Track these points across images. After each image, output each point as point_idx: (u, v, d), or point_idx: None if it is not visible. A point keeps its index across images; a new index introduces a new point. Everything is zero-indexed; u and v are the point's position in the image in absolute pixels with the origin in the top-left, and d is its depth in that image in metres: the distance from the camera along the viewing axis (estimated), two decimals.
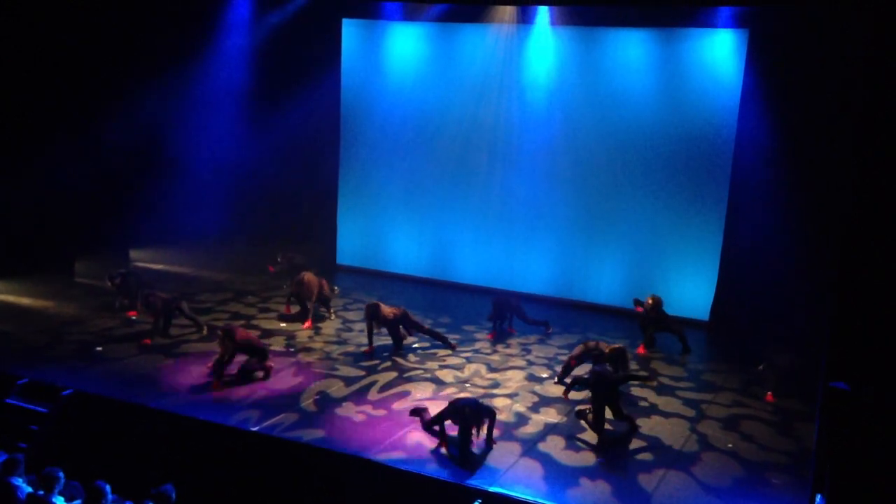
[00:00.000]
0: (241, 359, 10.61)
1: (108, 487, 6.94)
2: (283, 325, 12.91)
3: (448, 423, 9.07)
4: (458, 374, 11.25)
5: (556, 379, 11.07)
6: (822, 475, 7.89)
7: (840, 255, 8.49)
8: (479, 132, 15.14)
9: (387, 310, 11.83)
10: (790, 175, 13.03)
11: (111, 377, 10.43)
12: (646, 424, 9.90)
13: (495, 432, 9.31)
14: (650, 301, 12.47)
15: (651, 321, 12.56)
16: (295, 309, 13.25)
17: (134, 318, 12.61)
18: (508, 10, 14.51)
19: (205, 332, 12.11)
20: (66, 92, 14.12)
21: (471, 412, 8.88)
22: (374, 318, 11.75)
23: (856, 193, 8.28)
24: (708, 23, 13.37)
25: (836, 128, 12.34)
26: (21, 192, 13.92)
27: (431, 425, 9.23)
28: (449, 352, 12.10)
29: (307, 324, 12.89)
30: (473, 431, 8.88)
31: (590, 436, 9.42)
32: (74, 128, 14.14)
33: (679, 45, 13.81)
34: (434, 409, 9.42)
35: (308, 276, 12.94)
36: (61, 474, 7.07)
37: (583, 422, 9.49)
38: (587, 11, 14.03)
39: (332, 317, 13.35)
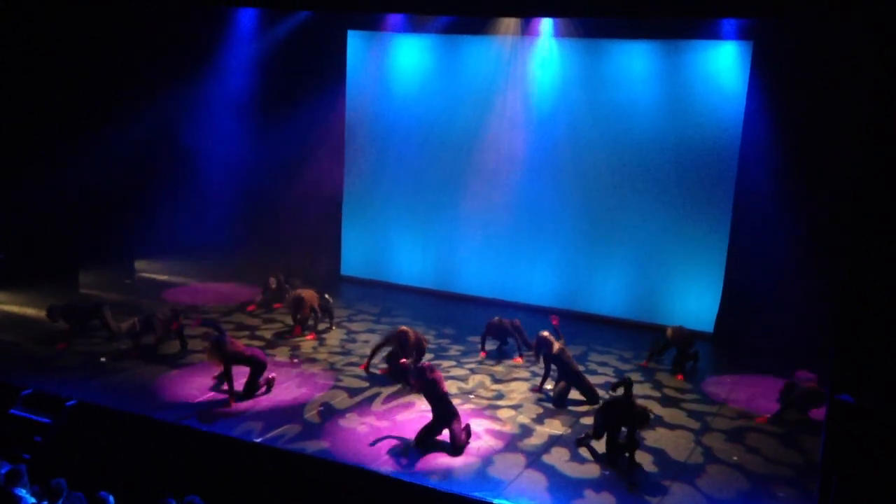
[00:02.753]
0: (240, 370, 10.60)
1: (111, 499, 6.94)
2: (286, 335, 12.91)
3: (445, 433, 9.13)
4: (462, 385, 11.23)
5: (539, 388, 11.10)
6: (827, 488, 7.85)
7: (846, 267, 8.46)
8: (483, 143, 15.15)
9: (413, 336, 11.48)
10: (795, 186, 13.02)
11: (115, 388, 10.44)
12: (650, 436, 9.86)
13: (499, 443, 9.34)
14: (669, 332, 12.31)
15: (677, 347, 12.41)
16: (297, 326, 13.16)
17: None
18: (512, 22, 14.55)
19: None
20: (71, 102, 14.18)
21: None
22: (403, 345, 11.33)
23: (861, 204, 8.26)
24: (712, 34, 13.37)
25: (842, 139, 12.33)
26: (26, 203, 13.96)
27: (426, 437, 9.25)
28: (453, 363, 12.08)
29: (311, 335, 12.92)
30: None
31: (596, 447, 9.39)
32: (79, 138, 14.19)
33: (683, 56, 13.82)
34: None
35: (305, 293, 13.00)
36: (65, 485, 7.07)
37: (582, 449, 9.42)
38: (591, 23, 14.04)
39: (334, 328, 13.35)
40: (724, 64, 13.50)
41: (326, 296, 13.88)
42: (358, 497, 8.61)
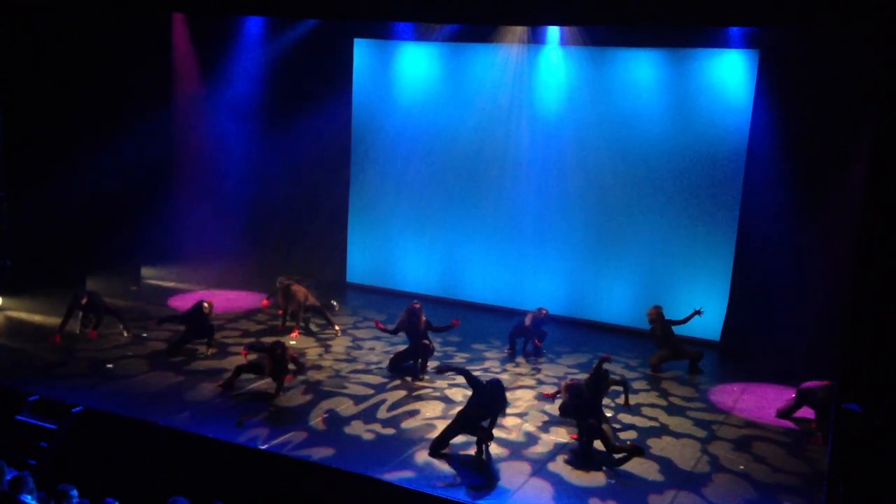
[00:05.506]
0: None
1: None
2: (293, 342, 12.92)
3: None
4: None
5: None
6: (834, 497, 7.82)
7: (853, 275, 8.44)
8: (489, 151, 15.17)
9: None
10: (801, 195, 13.00)
11: (121, 394, 10.45)
12: (656, 445, 9.84)
13: (504, 451, 9.33)
14: (652, 312, 12.49)
15: (658, 336, 12.51)
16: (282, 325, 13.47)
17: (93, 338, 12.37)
18: (519, 30, 14.58)
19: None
20: (78, 110, 14.24)
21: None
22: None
23: (869, 214, 8.25)
24: (718, 43, 13.37)
25: (848, 148, 12.33)
26: (32, 209, 14.02)
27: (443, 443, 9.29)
28: None
29: (294, 333, 13.14)
30: None
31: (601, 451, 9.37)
32: (86, 145, 14.24)
33: (689, 64, 13.83)
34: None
35: (294, 287, 13.21)
36: (74, 492, 7.04)
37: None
38: (597, 31, 14.07)
39: (339, 334, 13.38)
40: (730, 72, 13.51)
41: (333, 302, 13.93)
42: None
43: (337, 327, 13.49)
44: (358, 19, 15.20)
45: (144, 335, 12.65)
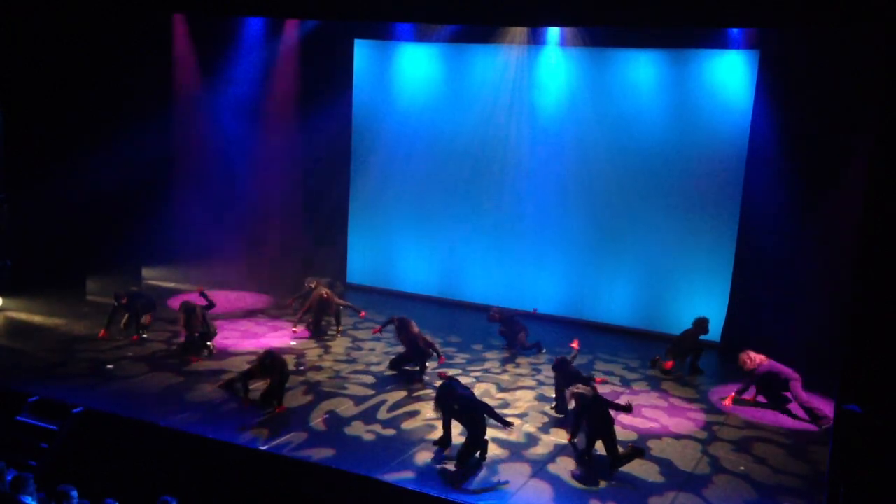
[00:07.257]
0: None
1: None
2: (293, 343, 12.92)
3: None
4: None
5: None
6: (835, 499, 7.81)
7: (854, 275, 8.44)
8: (489, 152, 15.17)
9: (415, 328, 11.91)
10: (802, 196, 13.00)
11: (121, 395, 10.45)
12: (657, 446, 9.84)
13: (505, 452, 9.32)
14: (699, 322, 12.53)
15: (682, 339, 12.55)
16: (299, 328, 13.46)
17: (145, 336, 12.62)
18: (519, 31, 14.57)
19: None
20: (78, 110, 14.23)
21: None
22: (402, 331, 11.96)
23: (869, 214, 8.25)
24: (719, 44, 13.38)
25: (849, 149, 12.32)
26: (33, 210, 14.02)
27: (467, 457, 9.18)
28: (459, 371, 12.06)
29: (298, 329, 13.38)
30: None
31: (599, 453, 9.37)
32: (87, 146, 14.23)
33: (690, 65, 13.83)
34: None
35: (327, 293, 13.27)
36: (75, 493, 7.04)
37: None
38: (598, 32, 14.07)
39: (339, 334, 13.39)
40: (730, 73, 13.50)
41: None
42: None
43: (338, 327, 13.51)
44: (358, 20, 15.19)
45: (144, 335, 12.66)
